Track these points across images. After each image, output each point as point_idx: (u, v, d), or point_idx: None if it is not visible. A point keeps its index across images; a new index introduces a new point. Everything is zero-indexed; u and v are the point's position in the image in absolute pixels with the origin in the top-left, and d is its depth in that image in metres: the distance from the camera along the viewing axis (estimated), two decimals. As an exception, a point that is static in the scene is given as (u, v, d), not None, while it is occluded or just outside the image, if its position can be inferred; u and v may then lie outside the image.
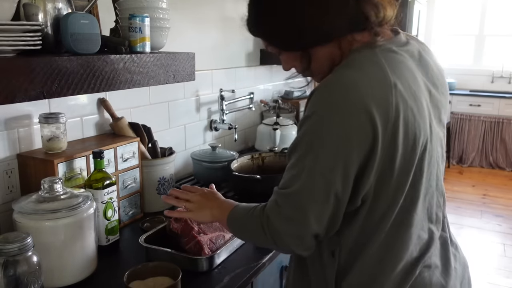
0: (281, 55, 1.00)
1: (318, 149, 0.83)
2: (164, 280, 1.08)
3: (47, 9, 1.07)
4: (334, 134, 0.81)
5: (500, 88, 5.51)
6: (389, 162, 0.85)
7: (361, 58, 0.87)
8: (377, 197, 0.88)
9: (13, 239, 0.90)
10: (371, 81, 0.83)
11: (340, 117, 0.81)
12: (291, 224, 0.87)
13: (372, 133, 0.81)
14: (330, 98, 0.82)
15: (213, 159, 1.86)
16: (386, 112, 0.81)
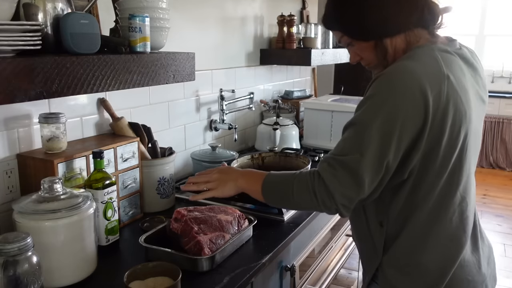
0: (353, 46, 1.10)
1: (376, 122, 0.95)
2: (164, 280, 1.08)
3: (46, 9, 1.07)
4: (392, 110, 0.94)
5: (500, 88, 5.51)
6: (436, 143, 0.97)
7: (420, 52, 1.01)
8: (422, 173, 1.00)
9: (13, 239, 0.90)
10: (427, 70, 0.96)
11: (398, 96, 0.94)
12: (345, 187, 0.97)
13: (424, 113, 0.94)
14: (390, 81, 0.96)
15: (213, 159, 1.85)
16: (438, 98, 0.94)
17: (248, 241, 1.37)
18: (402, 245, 1.07)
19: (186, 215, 1.29)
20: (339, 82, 3.71)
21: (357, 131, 0.99)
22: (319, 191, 1.00)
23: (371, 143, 0.95)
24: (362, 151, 0.96)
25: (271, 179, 1.11)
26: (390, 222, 1.08)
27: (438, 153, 0.99)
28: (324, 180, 1.00)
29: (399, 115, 0.94)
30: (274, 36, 2.60)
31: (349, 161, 0.97)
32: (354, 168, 0.96)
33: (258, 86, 2.60)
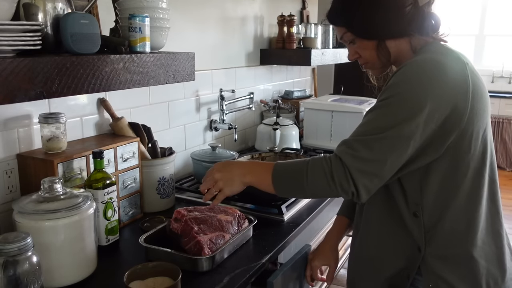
0: (354, 44, 1.12)
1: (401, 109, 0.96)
2: (164, 280, 1.08)
3: (46, 9, 1.06)
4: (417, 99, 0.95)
5: (500, 88, 5.51)
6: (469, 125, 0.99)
7: (434, 46, 1.06)
8: (459, 152, 1.01)
9: (13, 239, 0.90)
10: (450, 60, 1.01)
11: (427, 85, 0.95)
12: (366, 165, 0.96)
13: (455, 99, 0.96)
14: (417, 67, 0.98)
15: (213, 159, 1.85)
16: (465, 81, 0.98)
17: (248, 241, 1.37)
18: (447, 232, 1.05)
19: (186, 215, 1.29)
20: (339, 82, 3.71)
21: (381, 114, 0.99)
22: (337, 174, 0.98)
23: (393, 123, 0.95)
24: (385, 129, 0.96)
25: (281, 168, 1.08)
26: (426, 211, 1.05)
27: (473, 131, 1.00)
28: (343, 161, 0.98)
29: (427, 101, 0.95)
30: (274, 36, 2.61)
31: (373, 140, 0.96)
32: (378, 146, 0.96)
33: (258, 86, 2.59)
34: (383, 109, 0.99)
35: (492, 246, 1.08)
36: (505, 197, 4.48)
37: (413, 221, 1.06)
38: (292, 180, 1.06)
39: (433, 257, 1.06)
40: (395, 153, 0.96)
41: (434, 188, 1.03)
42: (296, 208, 1.62)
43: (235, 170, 1.15)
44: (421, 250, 1.06)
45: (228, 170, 1.16)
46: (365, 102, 2.51)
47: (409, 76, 0.98)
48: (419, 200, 1.05)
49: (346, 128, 2.40)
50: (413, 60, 1.01)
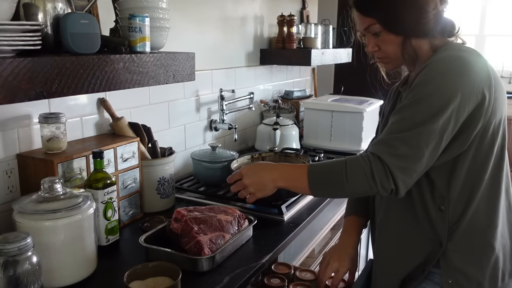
0: (378, 36, 1.11)
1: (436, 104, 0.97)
2: (164, 280, 1.08)
3: (46, 9, 1.06)
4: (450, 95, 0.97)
5: (500, 88, 5.51)
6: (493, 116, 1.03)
7: (454, 45, 1.09)
8: (481, 144, 1.04)
9: (13, 239, 0.90)
10: (473, 57, 1.04)
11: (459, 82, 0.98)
12: (406, 161, 0.98)
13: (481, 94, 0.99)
14: (443, 64, 1.02)
15: (213, 159, 1.85)
16: (488, 76, 1.02)
17: (248, 241, 1.37)
18: (469, 225, 1.06)
19: (186, 215, 1.29)
20: (339, 82, 3.70)
21: (418, 110, 0.99)
22: (377, 174, 0.99)
23: (432, 120, 0.97)
24: (424, 125, 0.97)
25: (318, 170, 1.09)
26: (452, 204, 1.06)
27: (495, 122, 1.04)
28: (382, 160, 0.99)
29: (458, 96, 0.97)
30: (274, 36, 2.60)
31: (410, 136, 0.98)
32: (415, 142, 0.97)
33: (258, 86, 2.59)
34: (416, 105, 1.00)
35: (508, 240, 1.10)
36: (505, 197, 4.47)
37: (438, 215, 1.07)
38: (331, 182, 1.07)
39: (454, 251, 1.06)
40: (431, 147, 0.98)
41: (460, 181, 1.05)
42: (296, 208, 1.62)
43: (266, 176, 1.15)
44: (442, 245, 1.07)
45: (259, 176, 1.16)
46: (365, 102, 2.51)
47: (436, 72, 1.00)
48: (445, 193, 1.06)
49: (346, 128, 2.41)
50: (437, 58, 1.03)
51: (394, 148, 0.99)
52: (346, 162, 1.04)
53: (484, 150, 1.05)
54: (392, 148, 0.99)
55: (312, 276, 1.32)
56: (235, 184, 1.20)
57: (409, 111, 1.01)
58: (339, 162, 1.06)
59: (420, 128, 0.98)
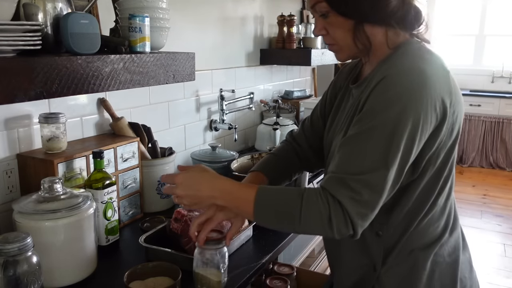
0: (326, 18, 0.96)
1: (397, 134, 0.85)
2: (164, 280, 1.08)
3: (47, 9, 1.07)
4: (411, 120, 0.85)
5: (500, 88, 5.51)
6: (448, 138, 0.93)
7: (417, 48, 0.96)
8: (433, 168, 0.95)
9: (13, 239, 0.90)
10: (436, 68, 0.92)
11: (417, 106, 0.86)
12: (368, 207, 0.86)
13: (443, 113, 0.89)
14: (408, 84, 0.87)
15: (213, 159, 1.85)
16: (450, 94, 0.90)
17: (248, 241, 1.37)
18: (404, 248, 0.98)
19: (186, 215, 1.29)
20: (339, 82, 3.70)
21: (375, 142, 0.86)
22: (336, 219, 0.86)
23: (396, 153, 0.85)
24: (389, 163, 0.85)
25: (267, 199, 0.91)
26: (390, 230, 0.98)
27: (448, 145, 0.95)
28: (343, 206, 0.85)
29: (419, 121, 0.86)
30: (274, 36, 2.60)
31: (375, 179, 0.85)
32: (381, 185, 0.86)
33: (258, 86, 2.59)
34: (374, 137, 0.86)
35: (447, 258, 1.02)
36: (505, 197, 4.48)
37: (374, 240, 0.99)
38: (280, 216, 0.90)
39: (388, 277, 0.99)
40: (392, 185, 0.88)
41: (404, 208, 0.96)
42: (296, 208, 1.61)
43: (205, 191, 0.95)
44: (376, 270, 1.00)
45: (196, 189, 0.95)
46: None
47: (394, 94, 0.87)
48: (385, 220, 0.97)
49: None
50: (392, 72, 0.89)
51: (357, 193, 0.85)
52: (302, 199, 0.88)
53: (436, 173, 0.96)
54: (354, 193, 0.85)
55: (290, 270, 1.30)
56: (168, 187, 0.99)
57: (368, 144, 0.87)
58: (294, 197, 0.89)
59: (383, 168, 0.85)
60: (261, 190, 0.92)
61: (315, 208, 0.87)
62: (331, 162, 0.92)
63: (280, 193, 0.92)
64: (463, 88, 5.57)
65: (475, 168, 5.41)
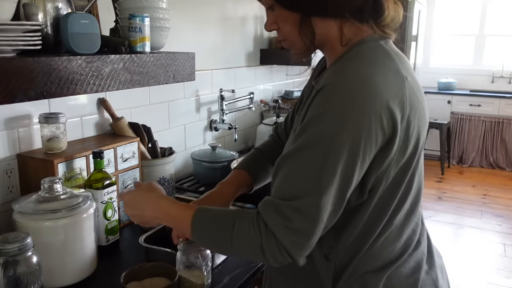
0: (273, 11, 0.89)
1: (333, 152, 0.75)
2: (161, 280, 1.07)
3: (47, 9, 1.07)
4: (351, 136, 0.75)
5: (500, 88, 5.52)
6: (401, 155, 0.83)
7: (370, 48, 0.84)
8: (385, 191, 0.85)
9: (13, 239, 0.90)
10: (387, 75, 0.80)
11: (357, 118, 0.75)
12: (304, 237, 0.78)
13: (392, 128, 0.78)
14: (345, 97, 0.77)
15: (213, 159, 1.86)
16: (402, 106, 0.80)
17: (248, 241, 1.37)
18: (355, 271, 0.89)
19: (186, 215, 1.29)
20: (339, 82, 3.70)
21: (309, 163, 0.77)
22: (268, 248, 0.79)
23: (331, 176, 0.76)
24: (322, 189, 0.76)
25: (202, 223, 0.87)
26: (340, 253, 0.89)
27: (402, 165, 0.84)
28: (275, 235, 0.78)
29: (361, 137, 0.76)
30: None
31: (307, 206, 0.76)
32: (314, 212, 0.76)
33: (258, 86, 2.60)
34: (307, 158, 0.77)
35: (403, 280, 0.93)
36: (505, 197, 4.48)
37: (323, 264, 0.90)
38: (215, 242, 0.86)
39: None
40: (333, 211, 0.79)
41: (354, 230, 0.87)
42: (296, 208, 1.61)
43: (148, 212, 0.96)
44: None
45: (140, 210, 0.97)
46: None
47: (329, 108, 0.77)
48: (334, 243, 0.88)
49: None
50: (333, 80, 0.79)
51: (289, 220, 0.77)
52: (233, 226, 0.82)
53: (389, 192, 0.86)
54: (287, 220, 0.77)
55: None
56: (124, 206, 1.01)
57: (301, 165, 0.78)
58: (227, 223, 0.83)
59: (314, 194, 0.76)
60: (197, 214, 0.87)
61: (246, 236, 0.81)
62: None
63: (214, 218, 0.87)
64: (463, 88, 5.58)
65: (475, 168, 5.41)
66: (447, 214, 4.01)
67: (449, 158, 5.45)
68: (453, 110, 5.44)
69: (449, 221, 3.85)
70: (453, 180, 4.98)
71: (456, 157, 5.55)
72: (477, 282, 2.92)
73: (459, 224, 3.80)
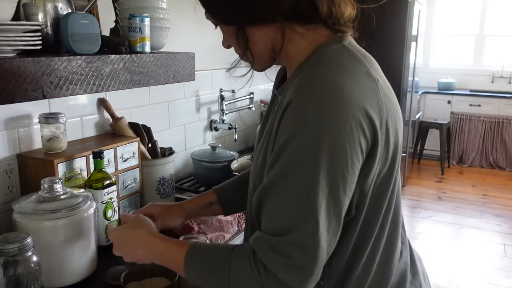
0: (220, 28, 0.85)
1: (319, 175, 0.69)
2: (161, 281, 1.08)
3: (47, 9, 1.07)
4: (333, 152, 0.69)
5: (500, 88, 5.51)
6: (383, 163, 0.77)
7: (334, 53, 0.77)
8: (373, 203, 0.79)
9: (13, 239, 0.90)
10: (358, 79, 0.74)
11: (335, 131, 0.69)
12: (307, 273, 0.71)
13: (373, 135, 0.73)
14: (317, 110, 0.69)
15: (213, 159, 1.86)
16: (380, 110, 0.74)
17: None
18: None
19: (186, 215, 1.29)
20: (339, 82, 3.69)
21: (294, 191, 0.70)
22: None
23: (321, 201, 0.69)
24: (314, 216, 0.69)
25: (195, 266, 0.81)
26: (333, 279, 0.82)
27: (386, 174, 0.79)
28: (277, 276, 0.71)
29: (344, 151, 0.69)
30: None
31: (302, 238, 0.70)
32: (312, 244, 0.70)
33: (258, 86, 2.60)
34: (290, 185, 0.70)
35: None
36: (505, 197, 4.48)
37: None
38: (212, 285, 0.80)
39: None
40: (333, 234, 0.73)
41: (345, 250, 0.81)
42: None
43: (139, 253, 0.90)
44: None
45: (130, 250, 0.92)
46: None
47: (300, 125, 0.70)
48: (326, 267, 0.79)
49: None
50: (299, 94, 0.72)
51: (287, 257, 0.70)
52: (230, 269, 0.75)
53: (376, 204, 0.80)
54: (285, 257, 0.70)
55: None
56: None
57: (286, 195, 0.71)
58: (222, 265, 0.77)
59: (312, 221, 0.69)
60: (189, 255, 0.81)
61: (245, 279, 0.74)
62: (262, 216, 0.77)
63: (209, 260, 0.80)
64: (463, 88, 5.58)
65: (475, 168, 5.41)
66: (447, 214, 4.01)
67: (449, 158, 5.44)
68: (453, 110, 5.44)
69: (449, 221, 3.85)
70: (453, 180, 4.98)
71: (456, 157, 5.55)
72: (477, 282, 2.92)
73: (459, 224, 3.80)
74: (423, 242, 3.43)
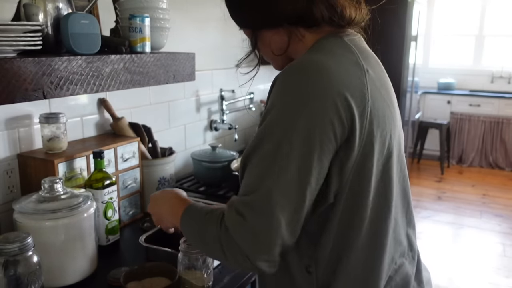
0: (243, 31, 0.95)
1: (287, 143, 0.71)
2: (161, 280, 1.08)
3: (47, 9, 1.07)
4: (305, 125, 0.71)
5: (500, 88, 5.52)
6: (367, 153, 0.77)
7: (329, 43, 0.81)
8: (353, 194, 0.78)
9: (13, 239, 0.90)
10: (343, 63, 0.77)
11: (311, 106, 0.71)
12: (258, 237, 0.71)
13: (350, 120, 0.73)
14: (297, 84, 0.73)
15: (213, 159, 1.86)
16: (363, 98, 0.75)
17: (248, 241, 1.37)
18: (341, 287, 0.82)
19: (186, 215, 1.29)
20: (339, 82, 3.69)
21: (262, 157, 0.74)
22: (228, 249, 0.74)
23: (284, 168, 0.71)
24: (273, 181, 0.71)
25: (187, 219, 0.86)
26: (321, 265, 0.81)
27: (370, 166, 0.78)
28: (232, 235, 0.73)
29: (316, 126, 0.71)
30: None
31: (258, 199, 0.72)
32: (264, 206, 0.71)
33: (258, 86, 2.60)
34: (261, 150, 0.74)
35: None
36: (504, 197, 4.48)
37: (305, 278, 0.83)
38: (194, 239, 0.85)
39: None
40: (295, 211, 0.72)
41: (331, 235, 0.80)
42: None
43: (164, 208, 0.99)
44: None
45: (159, 205, 1.01)
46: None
47: (279, 96, 0.75)
48: (314, 251, 0.81)
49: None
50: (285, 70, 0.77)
51: (244, 217, 0.72)
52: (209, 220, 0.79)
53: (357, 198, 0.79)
54: (242, 218, 0.72)
55: None
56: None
57: (259, 158, 0.74)
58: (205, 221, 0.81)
59: (269, 184, 0.71)
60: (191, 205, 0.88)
61: (213, 229, 0.77)
62: None
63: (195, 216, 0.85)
64: (463, 88, 5.58)
65: (474, 168, 5.42)
66: (447, 214, 4.01)
67: (449, 158, 5.45)
68: (453, 110, 5.44)
69: (448, 221, 3.85)
70: (453, 180, 4.98)
71: (456, 157, 5.55)
72: (476, 282, 2.92)
73: (459, 224, 3.81)
74: (423, 242, 3.43)
